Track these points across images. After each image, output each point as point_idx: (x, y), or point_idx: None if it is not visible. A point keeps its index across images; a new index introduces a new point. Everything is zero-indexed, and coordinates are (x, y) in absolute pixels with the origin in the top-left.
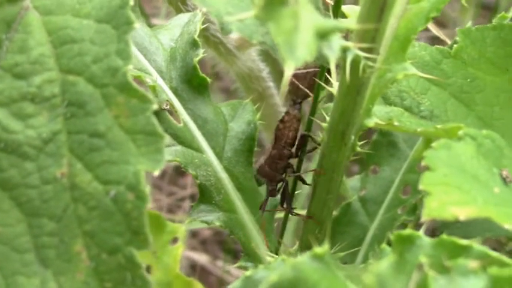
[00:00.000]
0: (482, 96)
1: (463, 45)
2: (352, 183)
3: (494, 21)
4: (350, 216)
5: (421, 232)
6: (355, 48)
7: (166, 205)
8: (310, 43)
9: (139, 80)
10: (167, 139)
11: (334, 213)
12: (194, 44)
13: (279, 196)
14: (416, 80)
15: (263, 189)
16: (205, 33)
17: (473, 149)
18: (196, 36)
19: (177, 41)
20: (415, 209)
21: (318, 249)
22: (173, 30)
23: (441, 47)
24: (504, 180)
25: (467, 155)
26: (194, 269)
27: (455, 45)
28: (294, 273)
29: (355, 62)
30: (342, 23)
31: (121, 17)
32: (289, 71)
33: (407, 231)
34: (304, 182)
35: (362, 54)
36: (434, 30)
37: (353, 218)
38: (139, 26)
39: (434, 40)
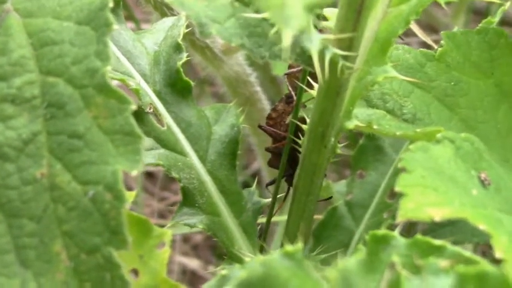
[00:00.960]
0: (466, 99)
1: (448, 49)
2: (338, 187)
3: (480, 25)
4: (336, 221)
5: (396, 232)
6: (333, 47)
7: (158, 210)
8: (301, 15)
9: (122, 83)
10: (150, 142)
11: (320, 217)
12: (178, 48)
13: (263, 201)
14: (400, 82)
15: (247, 193)
16: (191, 38)
17: (452, 151)
18: (180, 40)
19: (160, 45)
20: None
21: (288, 248)
22: (157, 34)
23: (425, 50)
24: (482, 182)
25: (445, 157)
26: (185, 273)
27: (439, 49)
28: (264, 270)
29: (333, 62)
30: None
31: (100, 19)
32: (287, 41)
33: (382, 231)
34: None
35: (340, 52)
36: (422, 35)
37: (339, 222)
38: (118, 27)
39: (425, 45)
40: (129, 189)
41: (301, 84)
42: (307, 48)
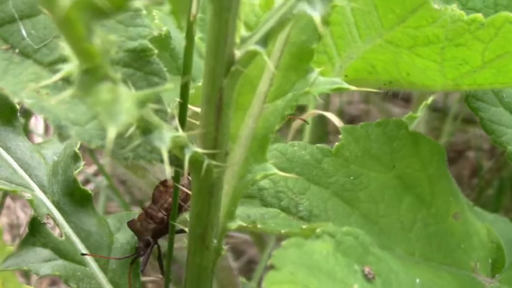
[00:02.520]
0: (367, 193)
1: (345, 143)
2: None
3: (404, 118)
4: None
5: None
6: (198, 145)
7: None
8: (130, 110)
9: (15, 194)
10: (47, 253)
11: None
12: (75, 157)
13: None
14: (295, 179)
15: None
16: None
17: (331, 246)
18: (77, 149)
19: (59, 155)
20: None
21: None
22: (57, 144)
23: (322, 145)
24: (366, 276)
25: (322, 252)
26: None
27: (336, 144)
28: None
29: (197, 161)
30: (158, 89)
31: None
32: (112, 134)
33: None
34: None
35: (200, 150)
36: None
37: None
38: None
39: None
40: None
41: (177, 185)
42: (158, 148)
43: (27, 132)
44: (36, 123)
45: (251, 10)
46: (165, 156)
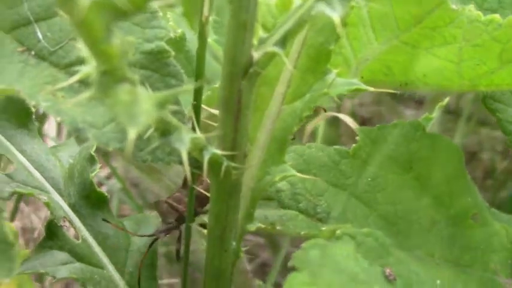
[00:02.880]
0: (384, 195)
1: (362, 145)
2: None
3: (421, 119)
4: None
5: None
6: (216, 146)
7: None
8: (149, 111)
9: (31, 196)
10: (64, 256)
11: None
12: (91, 160)
13: None
14: (313, 181)
15: None
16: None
17: (352, 247)
18: (93, 152)
19: (75, 158)
20: None
21: None
22: (72, 147)
23: (339, 147)
24: (387, 278)
25: (343, 254)
26: None
27: (353, 145)
28: None
29: (216, 163)
30: (176, 90)
31: None
32: (132, 135)
33: None
34: (178, 256)
35: (219, 152)
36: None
37: None
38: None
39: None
40: None
41: (194, 186)
42: (177, 149)
43: (41, 136)
44: (49, 127)
45: (268, 11)
46: (185, 157)
